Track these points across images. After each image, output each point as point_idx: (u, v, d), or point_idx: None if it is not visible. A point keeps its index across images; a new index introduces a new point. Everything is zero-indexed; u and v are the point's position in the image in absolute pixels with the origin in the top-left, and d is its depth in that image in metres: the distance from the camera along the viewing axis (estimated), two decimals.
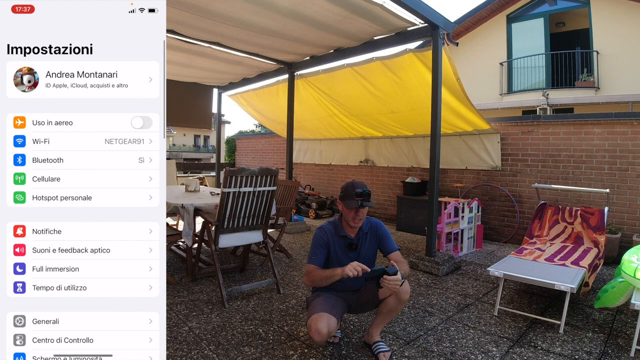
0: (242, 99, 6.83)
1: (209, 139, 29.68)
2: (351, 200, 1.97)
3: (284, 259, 3.91)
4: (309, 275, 1.98)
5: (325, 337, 1.77)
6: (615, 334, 2.31)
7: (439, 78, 3.52)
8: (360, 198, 1.95)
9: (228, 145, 10.59)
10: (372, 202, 2.00)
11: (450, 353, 2.08)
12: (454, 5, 72.48)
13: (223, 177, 2.65)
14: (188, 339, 2.16)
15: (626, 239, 4.02)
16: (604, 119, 4.27)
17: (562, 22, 9.54)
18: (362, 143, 6.66)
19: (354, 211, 1.99)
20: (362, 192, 1.95)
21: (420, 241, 4.88)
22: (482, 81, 9.62)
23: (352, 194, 1.97)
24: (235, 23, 3.61)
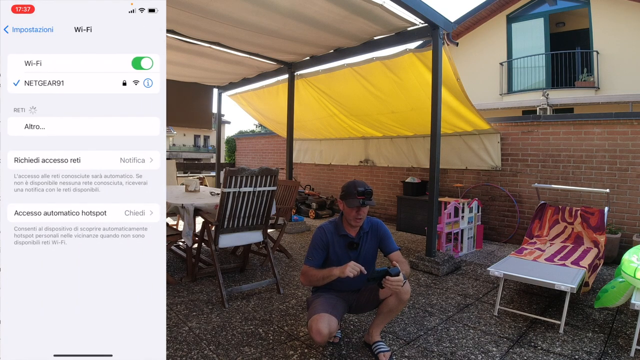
0: (242, 99, 6.83)
1: (209, 139, 29.68)
2: (353, 199, 1.96)
3: (284, 259, 3.91)
4: (305, 275, 1.99)
5: (326, 337, 1.77)
6: (615, 334, 2.31)
7: (439, 78, 3.51)
8: (362, 197, 1.95)
9: (228, 145, 10.59)
10: (373, 201, 2.00)
11: (450, 353, 2.08)
12: (454, 5, 72.48)
13: (223, 177, 2.65)
14: (188, 339, 2.16)
15: (626, 239, 4.02)
16: (604, 119, 4.27)
17: (562, 22, 9.54)
18: (362, 143, 6.66)
19: (356, 210, 1.98)
20: (364, 190, 1.95)
21: (420, 241, 4.88)
22: (482, 81, 9.62)
23: (354, 192, 1.96)
24: (235, 23, 3.60)
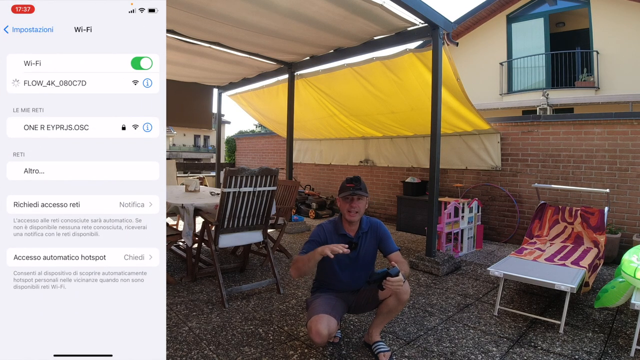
0: (242, 99, 6.83)
1: (209, 139, 29.69)
2: (344, 191, 1.98)
3: (284, 259, 3.91)
4: (294, 264, 1.98)
5: (325, 338, 1.77)
6: (615, 334, 2.31)
7: (439, 78, 3.51)
8: (352, 184, 1.96)
9: (228, 145, 10.59)
10: (365, 191, 1.99)
11: (450, 353, 2.08)
12: (454, 5, 72.46)
13: (223, 177, 2.65)
14: (188, 339, 2.16)
15: (626, 239, 4.02)
16: (604, 119, 4.27)
17: (562, 22, 9.55)
18: (362, 143, 6.66)
19: (349, 202, 1.98)
20: (352, 177, 1.97)
21: (420, 241, 4.88)
22: (482, 81, 9.62)
23: (344, 183, 2.00)
24: (235, 23, 3.60)
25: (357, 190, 1.96)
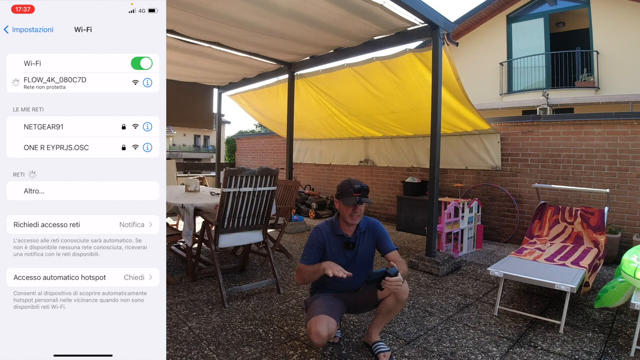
0: (242, 99, 6.83)
1: (209, 139, 29.67)
2: (349, 197, 1.95)
3: (284, 259, 3.91)
4: (298, 272, 1.99)
5: (325, 339, 1.77)
6: (615, 334, 2.31)
7: (439, 78, 3.51)
8: (359, 194, 1.94)
9: (228, 145, 10.59)
10: (369, 198, 1.99)
11: (450, 353, 2.08)
12: (454, 5, 72.48)
13: (223, 177, 2.65)
14: (188, 339, 2.16)
15: (626, 239, 4.02)
16: (604, 119, 4.27)
17: (562, 22, 9.55)
18: (362, 143, 6.66)
19: (352, 208, 1.97)
20: (360, 187, 1.94)
21: (420, 241, 4.88)
22: (482, 81, 9.62)
23: (350, 190, 1.95)
24: (235, 23, 3.60)
25: (364, 198, 1.95)
